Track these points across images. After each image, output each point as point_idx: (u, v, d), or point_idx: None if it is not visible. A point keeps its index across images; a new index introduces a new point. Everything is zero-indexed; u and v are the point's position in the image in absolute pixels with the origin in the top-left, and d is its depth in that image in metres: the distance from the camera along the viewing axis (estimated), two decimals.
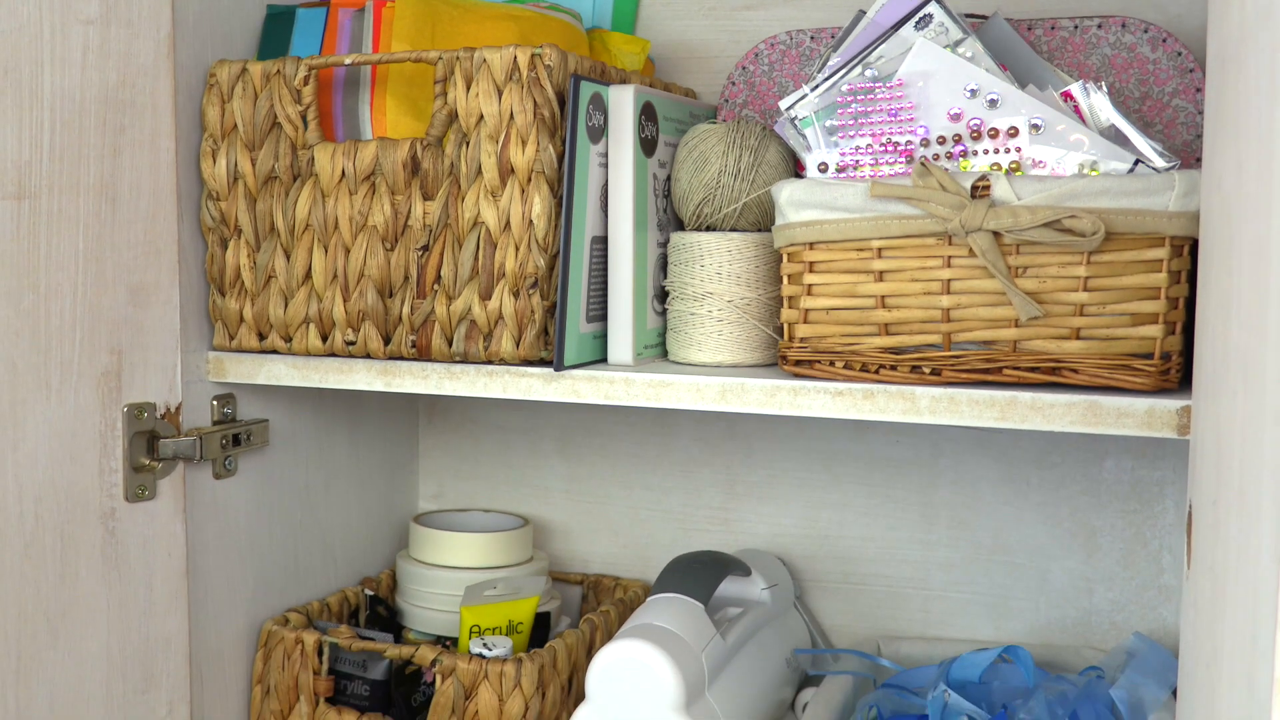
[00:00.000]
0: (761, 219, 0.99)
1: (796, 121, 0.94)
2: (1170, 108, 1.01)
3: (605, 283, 0.99)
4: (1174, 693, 1.01)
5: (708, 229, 0.99)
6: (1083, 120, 0.90)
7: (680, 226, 1.05)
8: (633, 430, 1.29)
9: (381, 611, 1.22)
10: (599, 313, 0.99)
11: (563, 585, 1.28)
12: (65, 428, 0.97)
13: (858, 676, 1.10)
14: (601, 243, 0.98)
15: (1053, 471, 1.15)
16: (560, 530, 1.33)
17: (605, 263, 0.99)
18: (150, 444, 1.03)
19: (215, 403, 1.08)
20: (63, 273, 0.96)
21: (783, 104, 0.95)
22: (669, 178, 1.02)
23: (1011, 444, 1.16)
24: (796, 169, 0.99)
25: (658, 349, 1.02)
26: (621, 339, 0.98)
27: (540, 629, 1.16)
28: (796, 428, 1.23)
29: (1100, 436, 1.14)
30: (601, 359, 1.00)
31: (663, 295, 1.02)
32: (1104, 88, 0.90)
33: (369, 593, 1.23)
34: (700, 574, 1.04)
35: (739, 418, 1.25)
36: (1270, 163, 0.51)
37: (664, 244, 1.03)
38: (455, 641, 1.16)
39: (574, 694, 1.10)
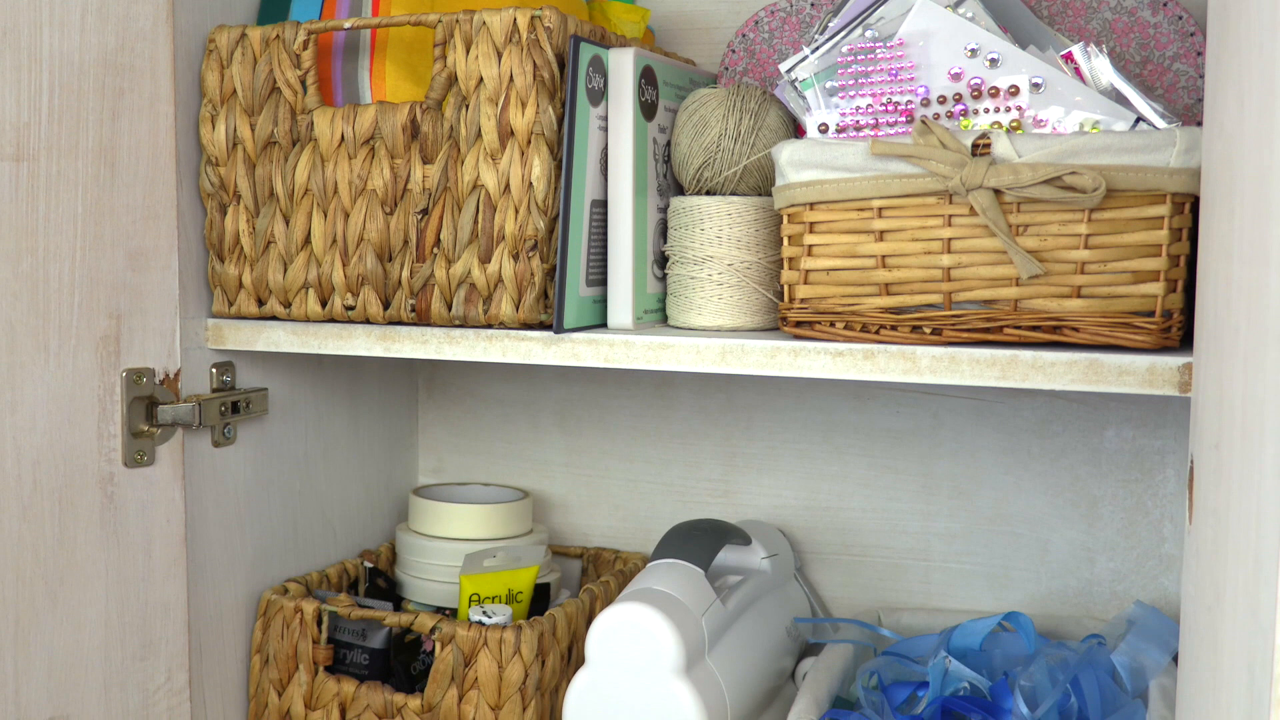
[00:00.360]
0: (762, 183, 0.99)
1: (797, 84, 0.94)
2: (1171, 72, 1.00)
3: (605, 247, 0.99)
4: (1175, 659, 1.01)
5: (708, 193, 0.99)
6: (1084, 83, 0.90)
7: (680, 192, 1.04)
8: (632, 403, 1.29)
9: (381, 583, 1.22)
10: (599, 277, 0.99)
11: (562, 559, 1.28)
12: (64, 391, 0.97)
13: (858, 645, 1.10)
14: (601, 206, 0.98)
15: (1054, 441, 1.15)
16: (560, 504, 1.32)
17: (605, 227, 0.99)
18: (149, 410, 1.02)
19: (214, 370, 1.08)
20: (61, 236, 0.96)
21: (783, 66, 0.94)
22: (669, 143, 1.02)
23: (1012, 414, 1.16)
24: (797, 132, 0.99)
25: (658, 314, 1.02)
26: (621, 303, 0.98)
27: (540, 600, 1.16)
28: (796, 399, 1.23)
29: (1101, 406, 1.13)
30: (601, 324, 1.00)
31: (663, 260, 1.02)
32: (1105, 51, 0.90)
33: (368, 565, 1.23)
34: (700, 541, 1.04)
35: (739, 389, 1.25)
36: (1272, 92, 0.50)
37: (664, 209, 1.03)
38: (455, 612, 1.16)
39: (574, 662, 1.09)
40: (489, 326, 0.98)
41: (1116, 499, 1.14)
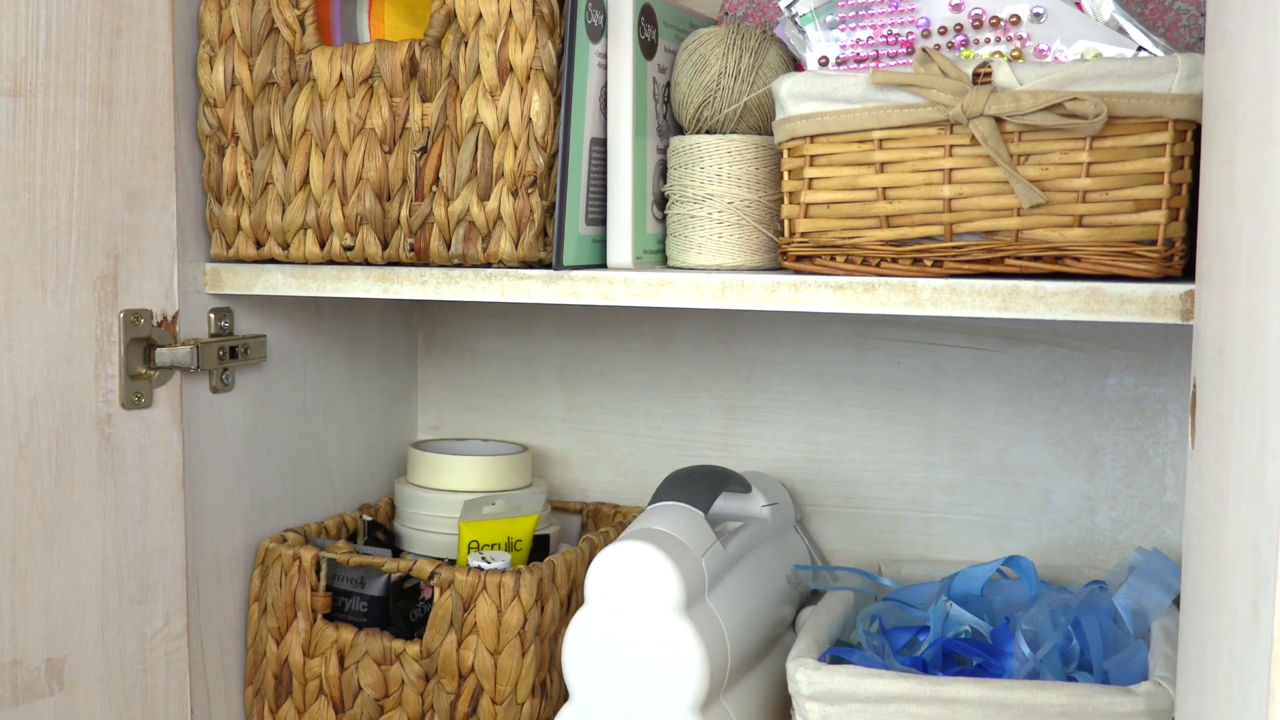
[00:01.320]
0: (762, 123, 0.98)
1: (797, 19, 0.94)
2: (1173, 10, 1.00)
3: (604, 186, 0.98)
4: (1176, 602, 1.01)
5: (707, 132, 0.99)
6: (1085, 15, 0.89)
7: (680, 132, 1.04)
8: (632, 356, 1.28)
9: (380, 536, 1.21)
10: (598, 216, 0.99)
11: (562, 514, 1.28)
12: (61, 330, 0.96)
13: (859, 593, 1.09)
14: (601, 145, 0.98)
15: (1055, 390, 1.15)
16: (559, 459, 1.32)
17: (604, 165, 0.98)
18: (147, 353, 1.02)
19: (212, 315, 1.07)
20: (59, 173, 0.95)
21: (783, 1, 0.94)
22: (669, 84, 1.02)
23: (1014, 363, 1.16)
24: (797, 70, 0.98)
25: (658, 255, 1.01)
26: (620, 242, 0.98)
27: (539, 551, 1.16)
28: (797, 350, 1.22)
29: (1103, 353, 1.13)
30: (600, 264, 1.00)
31: (662, 202, 1.02)
32: None
33: (367, 518, 1.22)
34: (699, 484, 1.04)
35: (739, 342, 1.24)
36: None
37: (664, 150, 1.02)
38: (454, 562, 1.15)
39: (573, 609, 1.09)
40: (488, 265, 0.98)
41: (1118, 447, 1.13)
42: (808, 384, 1.22)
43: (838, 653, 0.96)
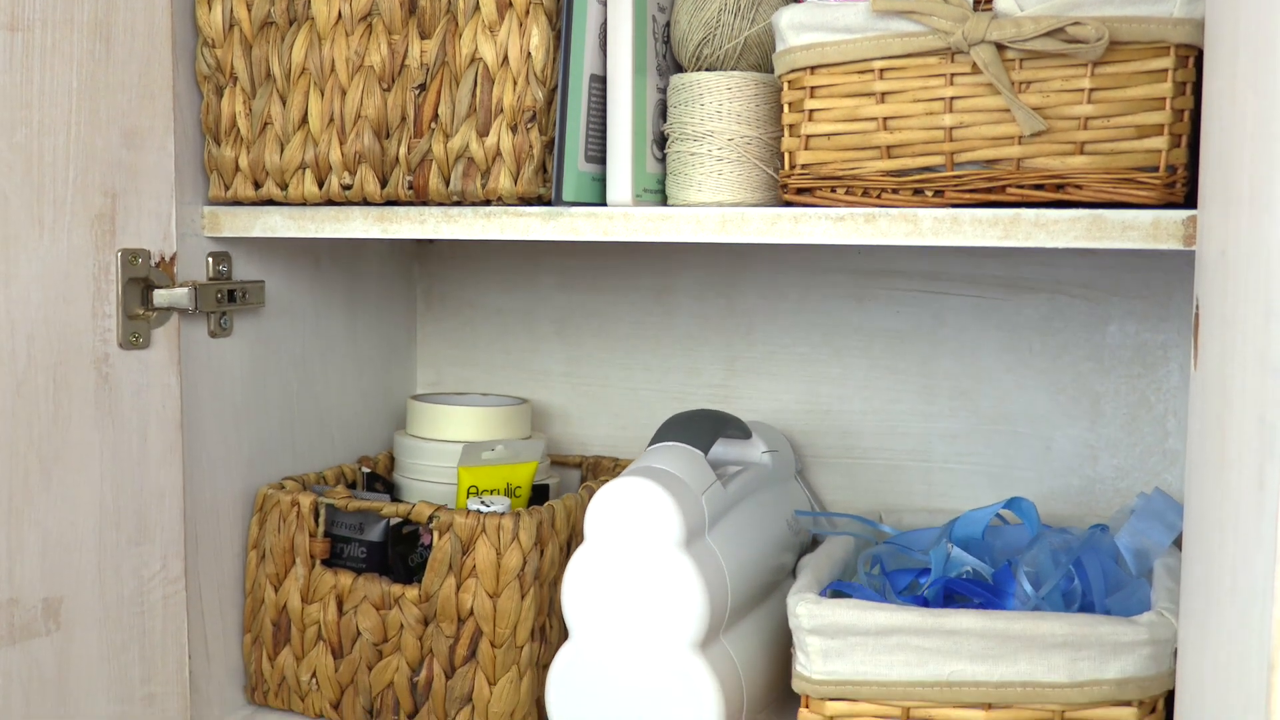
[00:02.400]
0: (762, 60, 0.98)
1: None
2: None
3: (604, 124, 0.98)
4: (1178, 543, 1.00)
5: (708, 69, 0.98)
6: None
7: (680, 72, 1.03)
8: (632, 310, 1.28)
9: (378, 487, 1.21)
10: (598, 154, 0.98)
11: (561, 469, 1.27)
12: (58, 268, 0.96)
13: (859, 538, 1.09)
14: (600, 82, 0.97)
15: (1055, 338, 1.14)
16: (559, 414, 1.32)
17: (604, 103, 0.98)
18: (145, 294, 1.02)
19: (210, 259, 1.07)
20: (56, 109, 0.95)
21: None
22: (668, 23, 1.01)
23: (1014, 311, 1.15)
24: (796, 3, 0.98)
25: (657, 194, 1.01)
26: (620, 179, 0.97)
27: (539, 500, 1.15)
28: (796, 302, 1.22)
29: (1104, 300, 1.13)
30: (600, 202, 0.99)
31: (662, 141, 1.01)
32: None
33: (365, 470, 1.22)
34: (699, 426, 1.03)
35: (739, 294, 1.24)
36: None
37: (663, 90, 1.02)
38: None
39: (572, 555, 1.08)
40: (487, 202, 0.98)
41: (1119, 395, 1.13)
42: (808, 335, 1.22)
43: (839, 587, 0.96)
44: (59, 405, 0.96)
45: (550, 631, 1.06)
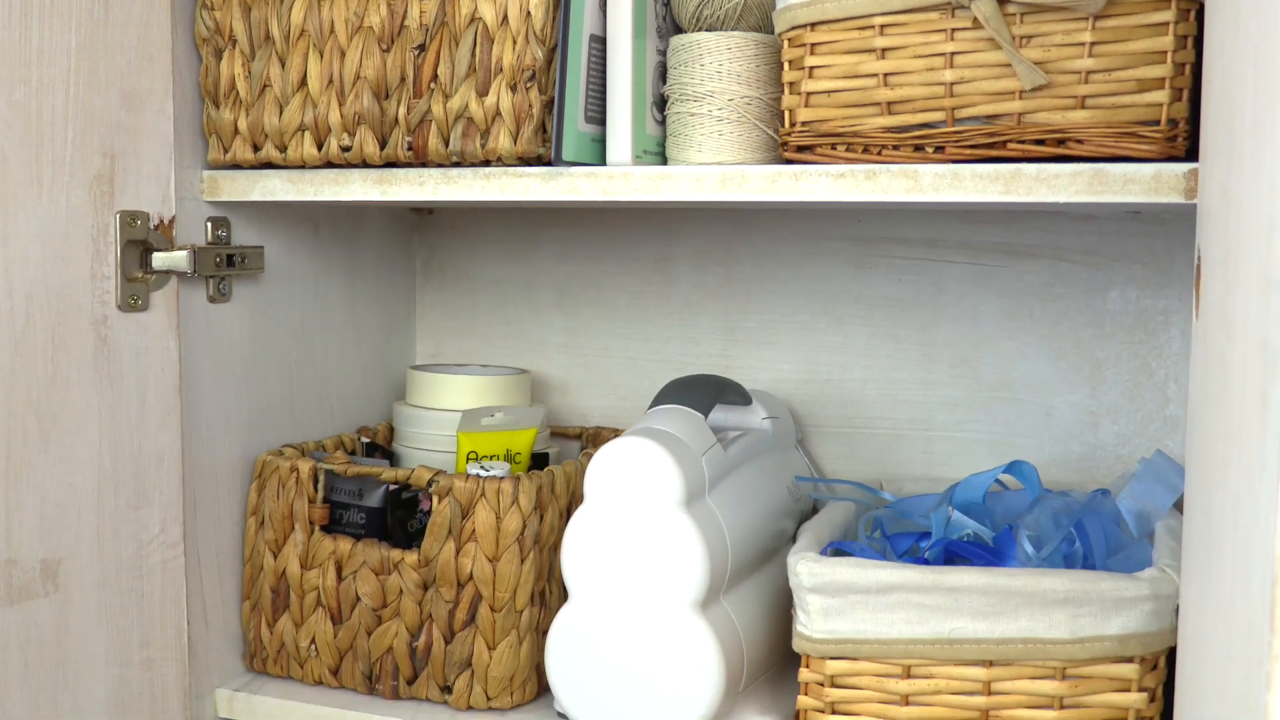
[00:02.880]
0: (762, 21, 0.98)
1: None
2: None
3: (604, 85, 0.98)
4: (1179, 506, 1.00)
5: (708, 30, 0.98)
6: None
7: (680, 33, 1.03)
8: (631, 280, 1.28)
9: (378, 457, 1.20)
10: (598, 115, 0.98)
11: (561, 440, 1.27)
12: (57, 228, 0.96)
13: (859, 503, 1.09)
14: (600, 42, 0.97)
15: (1056, 304, 1.14)
16: (559, 385, 1.31)
17: (604, 64, 0.98)
18: (143, 257, 1.01)
19: (209, 224, 1.07)
20: (55, 69, 0.95)
21: None
22: None
23: (1015, 277, 1.15)
24: None
25: (657, 156, 1.01)
26: (620, 140, 0.97)
27: (538, 468, 1.15)
28: (795, 270, 1.22)
29: (1105, 266, 1.12)
30: (600, 163, 0.99)
31: (661, 104, 1.01)
32: None
33: (365, 440, 1.21)
34: (698, 389, 1.03)
35: (737, 263, 1.24)
36: None
37: (663, 52, 1.02)
38: None
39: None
40: (487, 163, 0.97)
41: (1120, 361, 1.13)
42: (808, 304, 1.22)
43: (839, 546, 0.96)
44: (57, 366, 0.96)
45: (550, 597, 1.06)
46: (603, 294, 1.29)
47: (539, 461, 1.16)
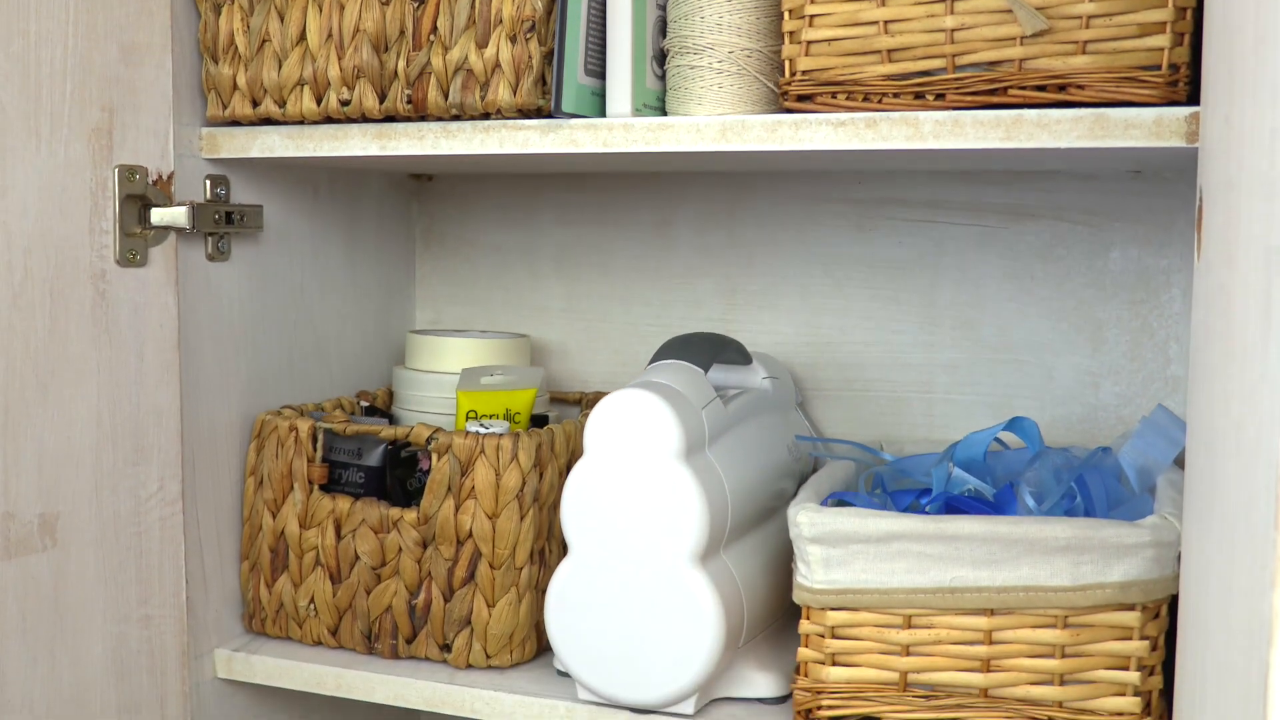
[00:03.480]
0: None
1: None
2: None
3: (603, 38, 0.98)
4: (1180, 463, 0.99)
5: None
6: None
7: None
8: (631, 244, 1.27)
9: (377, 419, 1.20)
10: (597, 68, 0.98)
11: (561, 405, 1.27)
12: (55, 180, 0.95)
13: (860, 463, 1.08)
14: None
15: (1057, 265, 1.14)
16: (559, 351, 1.31)
17: (603, 16, 0.97)
18: (142, 213, 1.01)
19: (208, 182, 1.07)
20: (53, 20, 0.94)
21: None
22: None
23: (1015, 238, 1.15)
24: None
25: (657, 110, 1.00)
26: (620, 93, 0.97)
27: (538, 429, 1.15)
28: (797, 233, 1.21)
29: (1106, 226, 1.12)
30: (600, 116, 0.99)
31: (661, 58, 1.01)
32: None
33: (364, 404, 1.21)
34: (698, 346, 1.02)
35: (739, 225, 1.23)
36: None
37: (663, 6, 1.01)
38: None
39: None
40: (486, 116, 0.97)
41: (1121, 321, 1.12)
42: (809, 266, 1.21)
43: (841, 495, 0.96)
44: (55, 319, 0.96)
45: (550, 556, 1.06)
46: (603, 258, 1.29)
47: (538, 424, 1.16)
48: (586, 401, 1.26)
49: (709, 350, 1.03)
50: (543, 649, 1.07)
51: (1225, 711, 0.55)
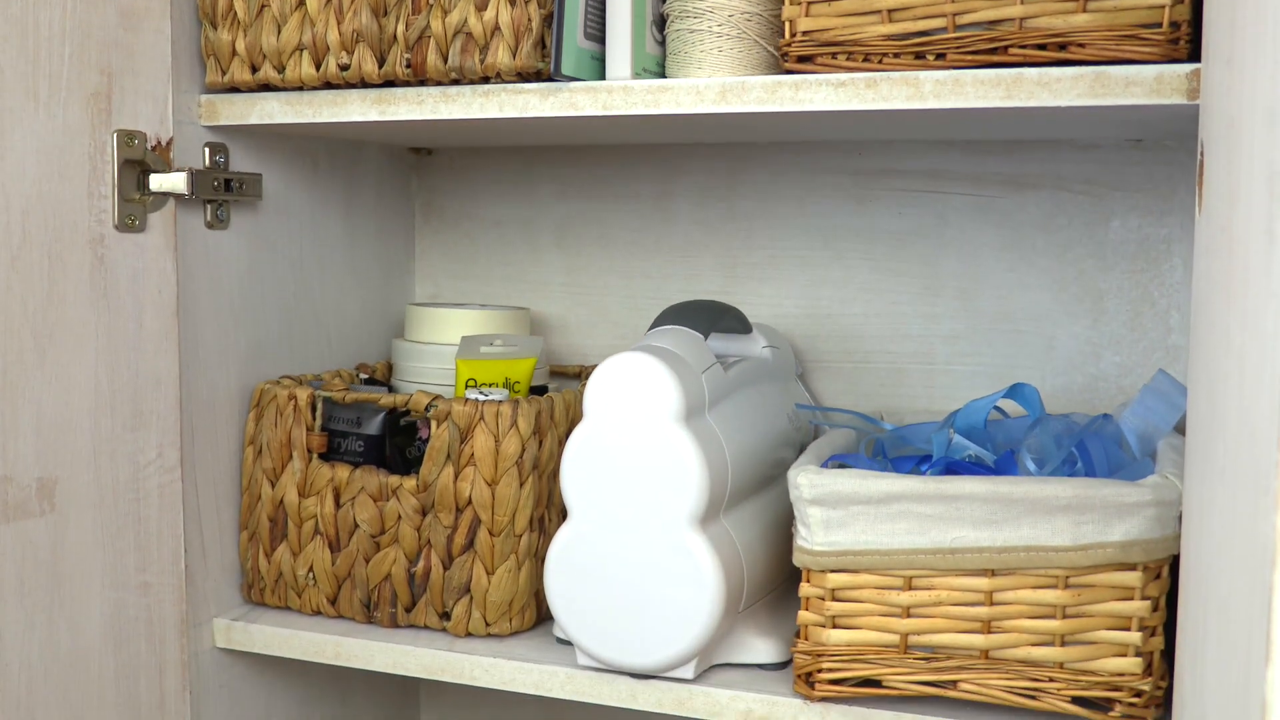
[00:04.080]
0: None
1: None
2: None
3: (604, 3, 0.97)
4: (1180, 429, 0.99)
5: None
6: None
7: None
8: (632, 218, 1.27)
9: None
10: (597, 33, 0.98)
11: (561, 378, 1.26)
12: (54, 144, 0.95)
13: (860, 431, 1.08)
14: None
15: (1058, 235, 1.13)
16: (559, 325, 1.31)
17: None
18: (141, 179, 1.01)
19: (207, 150, 1.06)
20: None
21: None
22: None
23: (1016, 209, 1.14)
24: None
25: (657, 76, 1.00)
26: (619, 56, 0.96)
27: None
28: (797, 205, 1.21)
29: (1107, 196, 1.12)
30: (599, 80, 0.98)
31: (661, 23, 1.01)
32: None
33: (363, 376, 1.21)
34: (698, 312, 1.02)
35: (739, 198, 1.23)
36: None
37: None
38: None
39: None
40: (485, 80, 0.97)
41: (1122, 291, 1.12)
42: (809, 238, 1.21)
43: (842, 458, 0.95)
44: (54, 283, 0.95)
45: (549, 524, 1.05)
46: (603, 232, 1.28)
47: (538, 394, 1.15)
48: (586, 374, 1.26)
49: (708, 317, 1.02)
50: (542, 617, 1.06)
51: (1226, 673, 0.54)
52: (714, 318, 1.03)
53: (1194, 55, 0.84)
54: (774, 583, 1.02)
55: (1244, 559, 0.50)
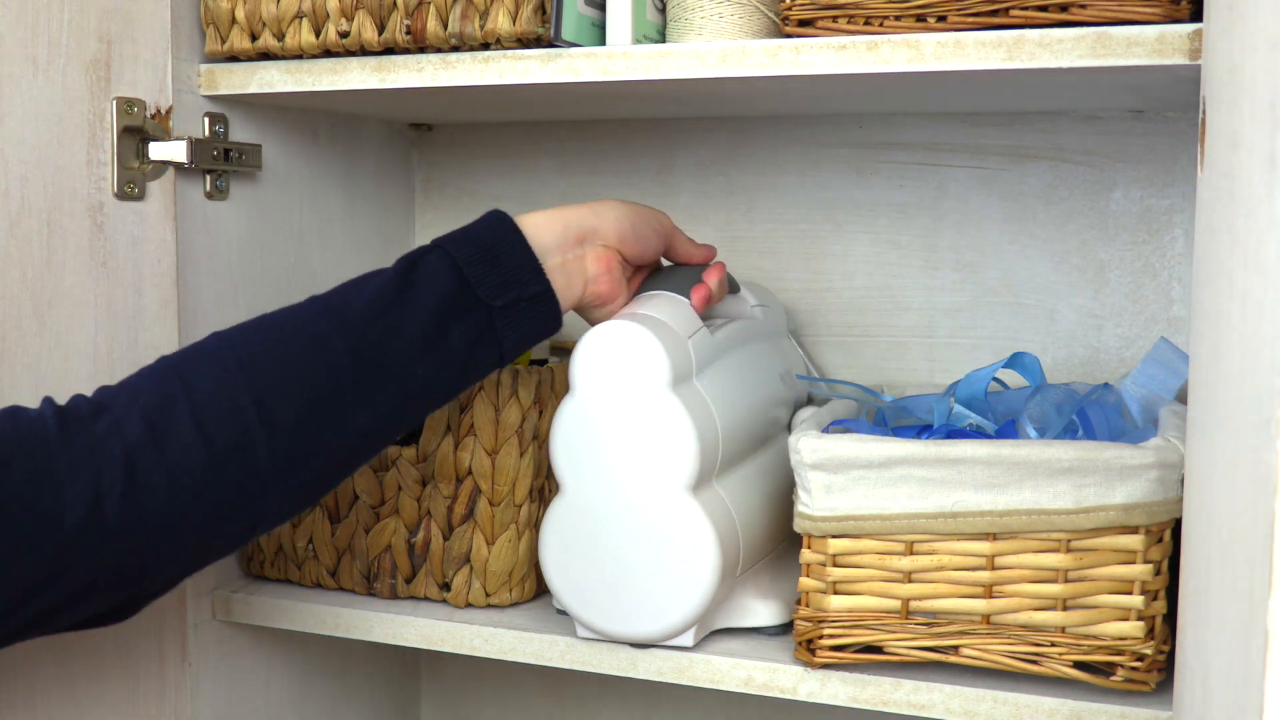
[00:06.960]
0: None
1: None
2: None
3: None
4: (1182, 399, 0.99)
5: None
6: None
7: None
8: (632, 192, 1.27)
9: None
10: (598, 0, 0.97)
11: (562, 354, 1.26)
12: (52, 110, 0.95)
13: (860, 401, 1.08)
14: None
15: (1060, 206, 1.13)
16: None
17: None
18: (140, 147, 1.01)
19: (206, 120, 1.06)
20: None
21: None
22: None
23: (1017, 180, 1.14)
24: None
25: (657, 43, 1.00)
26: (620, 22, 0.96)
27: None
28: (797, 178, 1.21)
29: (1108, 167, 1.12)
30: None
31: None
32: None
33: None
34: (683, 275, 1.01)
35: (739, 171, 1.23)
36: None
37: None
38: None
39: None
40: (485, 46, 0.97)
41: (1124, 262, 1.12)
42: (809, 211, 1.21)
43: (844, 423, 0.95)
44: (53, 250, 0.95)
45: (550, 494, 1.05)
46: None
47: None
48: None
49: (693, 278, 1.02)
50: (542, 589, 1.06)
51: (1227, 614, 0.54)
52: (698, 277, 1.02)
53: (1195, 16, 0.84)
54: (771, 545, 1.01)
55: (1246, 491, 0.50)
